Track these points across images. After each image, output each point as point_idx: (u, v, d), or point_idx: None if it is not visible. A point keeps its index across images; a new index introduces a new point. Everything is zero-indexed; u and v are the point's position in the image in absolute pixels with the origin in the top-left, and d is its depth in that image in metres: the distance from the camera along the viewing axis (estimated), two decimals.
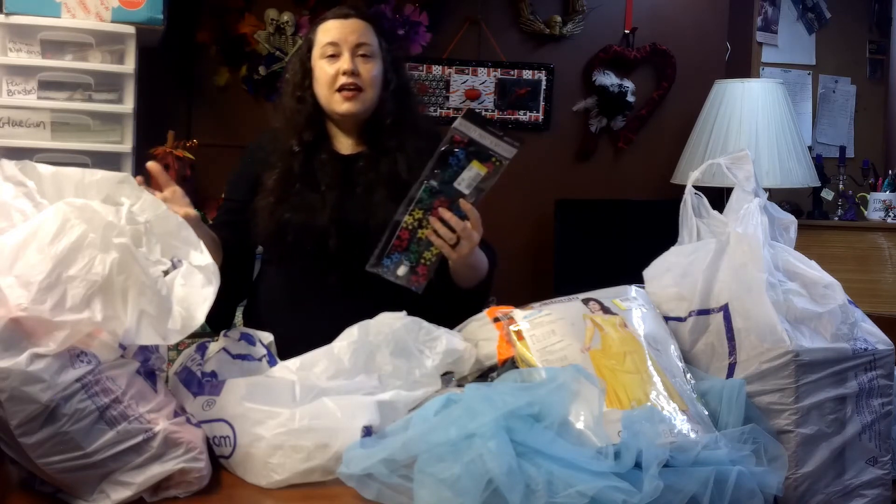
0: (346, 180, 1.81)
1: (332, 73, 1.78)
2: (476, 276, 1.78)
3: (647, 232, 2.47)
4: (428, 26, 3.39)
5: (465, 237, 1.61)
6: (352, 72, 1.77)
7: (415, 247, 1.62)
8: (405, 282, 1.64)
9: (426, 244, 1.62)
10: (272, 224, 1.78)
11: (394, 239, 1.60)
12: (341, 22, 1.82)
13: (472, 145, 1.57)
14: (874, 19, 4.33)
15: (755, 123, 3.43)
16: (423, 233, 1.61)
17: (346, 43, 1.79)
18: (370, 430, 1.23)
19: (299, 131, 1.82)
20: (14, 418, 1.06)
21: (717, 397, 1.32)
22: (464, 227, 1.60)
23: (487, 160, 1.58)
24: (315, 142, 1.83)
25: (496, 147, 1.58)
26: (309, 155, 1.82)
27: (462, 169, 1.58)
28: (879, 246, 3.44)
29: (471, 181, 1.59)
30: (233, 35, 3.24)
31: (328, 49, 1.79)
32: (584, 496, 1.06)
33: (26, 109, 2.61)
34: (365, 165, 1.81)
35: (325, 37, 1.81)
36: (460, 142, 1.57)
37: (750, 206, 1.44)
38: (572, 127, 3.72)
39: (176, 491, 1.17)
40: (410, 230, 1.60)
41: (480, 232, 1.64)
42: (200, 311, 1.26)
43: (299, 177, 1.80)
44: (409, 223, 1.60)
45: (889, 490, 1.35)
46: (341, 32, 1.80)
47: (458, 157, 1.58)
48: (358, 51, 1.79)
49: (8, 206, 1.22)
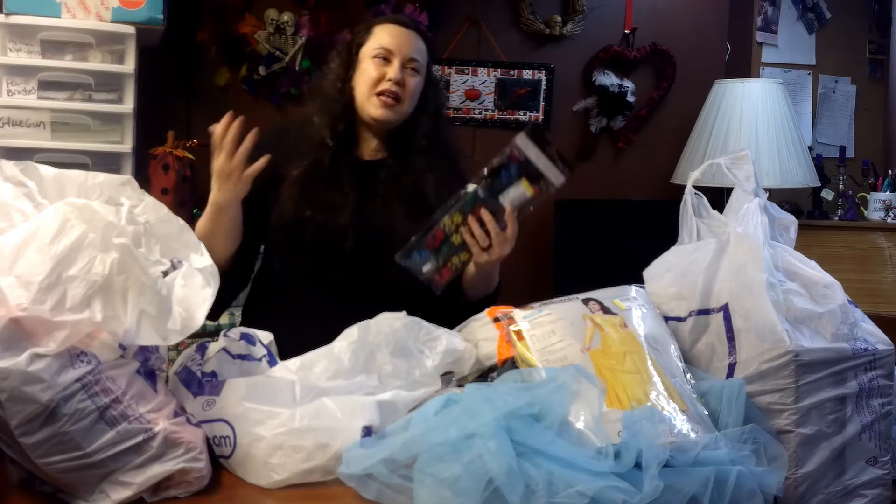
0: (367, 186, 1.81)
1: (377, 75, 1.77)
2: (487, 288, 1.79)
3: (647, 232, 2.47)
4: (428, 26, 3.39)
5: (498, 245, 1.61)
6: (398, 81, 1.77)
7: (446, 249, 1.62)
8: (428, 279, 1.64)
9: (457, 249, 1.62)
10: (293, 217, 1.77)
11: (428, 236, 1.61)
12: (401, 30, 1.81)
13: (527, 164, 1.58)
14: (874, 19, 4.33)
15: (755, 123, 3.43)
16: (458, 237, 1.61)
17: (400, 52, 1.78)
18: (370, 430, 1.23)
19: (334, 121, 1.81)
20: (14, 418, 1.07)
21: (717, 397, 1.32)
22: (499, 233, 1.60)
23: (536, 182, 1.59)
24: (343, 141, 1.83)
25: (547, 171, 1.59)
26: (339, 151, 1.81)
27: (511, 185, 1.59)
28: (879, 246, 3.44)
29: (515, 199, 1.60)
30: (233, 35, 3.24)
31: (381, 52, 1.79)
32: (584, 496, 1.06)
33: (26, 109, 2.61)
34: (387, 175, 1.81)
35: (381, 39, 1.80)
36: (517, 158, 1.57)
37: (750, 206, 1.44)
38: (572, 127, 3.72)
39: (176, 491, 1.17)
40: (446, 232, 1.61)
41: (512, 246, 1.64)
42: (200, 312, 1.26)
43: (324, 174, 1.80)
44: (447, 225, 1.61)
45: (889, 490, 1.35)
46: (398, 40, 1.79)
47: (511, 173, 1.59)
48: (409, 64, 1.79)
49: (8, 206, 1.22)
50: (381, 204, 1.77)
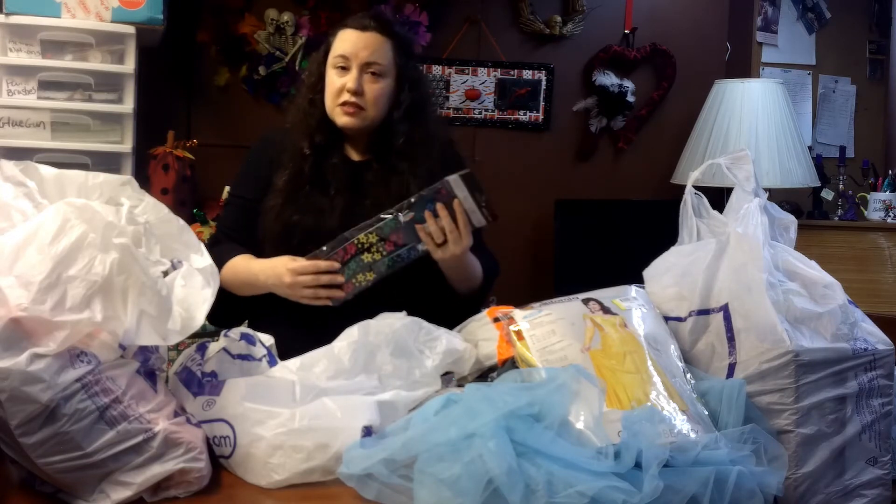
0: (356, 187, 1.81)
1: (337, 86, 1.77)
2: (468, 284, 1.80)
3: (647, 232, 2.47)
4: (428, 26, 3.39)
5: (453, 242, 1.63)
6: (355, 91, 1.75)
7: (354, 265, 1.66)
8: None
9: (364, 267, 1.66)
10: (279, 225, 1.78)
11: (339, 248, 1.63)
12: (357, 34, 1.78)
13: (451, 201, 1.62)
14: (874, 19, 4.33)
15: (755, 123, 3.43)
16: (368, 256, 1.63)
17: (356, 58, 1.76)
18: (370, 430, 1.23)
19: (310, 133, 1.81)
20: (14, 418, 1.07)
21: (717, 397, 1.32)
22: (453, 230, 1.63)
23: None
24: (327, 145, 1.82)
25: (471, 214, 1.64)
26: (320, 158, 1.81)
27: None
28: (879, 246, 3.43)
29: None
30: (233, 35, 3.24)
31: (338, 60, 1.77)
32: (584, 496, 1.06)
33: (26, 109, 2.61)
34: (374, 177, 1.81)
35: (339, 47, 1.78)
36: (445, 195, 1.60)
37: (750, 206, 1.44)
38: (572, 127, 3.72)
39: (176, 491, 1.17)
40: (358, 249, 1.63)
41: (470, 241, 1.65)
42: (200, 312, 1.26)
43: (309, 179, 1.80)
44: (361, 242, 1.63)
45: (889, 490, 1.35)
46: (354, 46, 1.77)
47: (433, 209, 1.62)
48: (367, 69, 1.76)
49: (8, 206, 1.22)
50: (371, 206, 1.76)
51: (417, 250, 1.66)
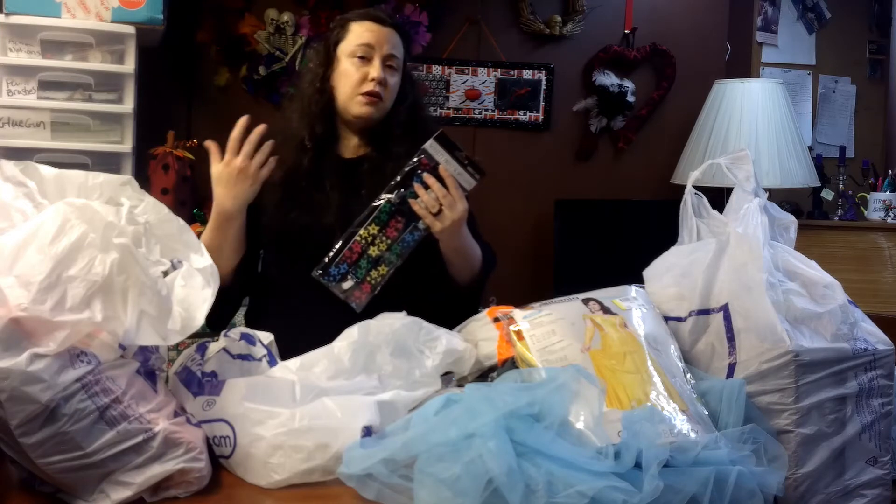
0: (351, 183, 1.81)
1: (359, 75, 1.77)
2: (468, 264, 1.78)
3: (647, 232, 2.47)
4: (428, 26, 3.39)
5: (448, 207, 1.63)
6: (380, 80, 1.77)
7: (364, 262, 1.64)
8: (347, 296, 1.65)
9: (375, 262, 1.64)
10: (277, 221, 1.78)
11: (345, 249, 1.61)
12: (379, 27, 1.80)
13: (436, 170, 1.60)
14: (874, 19, 4.33)
15: (755, 123, 3.43)
16: (375, 250, 1.61)
17: (380, 50, 1.78)
18: (370, 430, 1.23)
19: (312, 123, 1.81)
20: (14, 418, 1.06)
21: (717, 397, 1.32)
22: (446, 195, 1.62)
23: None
24: (323, 141, 1.83)
25: (458, 175, 1.62)
26: (316, 153, 1.82)
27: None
28: (879, 246, 3.44)
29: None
30: (233, 35, 3.24)
31: (360, 50, 1.78)
32: (584, 496, 1.06)
33: (26, 109, 2.62)
34: (369, 168, 1.81)
35: (360, 37, 1.79)
36: (427, 164, 1.59)
37: (750, 206, 1.44)
38: (572, 127, 3.72)
39: (176, 491, 1.17)
40: (363, 244, 1.62)
41: (464, 204, 1.65)
42: (200, 312, 1.26)
43: (305, 175, 1.80)
44: (364, 237, 1.62)
45: (889, 490, 1.35)
46: (378, 38, 1.79)
47: (421, 181, 1.60)
48: (388, 61, 1.79)
49: (8, 206, 1.21)
50: (367, 199, 1.76)
51: (419, 229, 1.65)
